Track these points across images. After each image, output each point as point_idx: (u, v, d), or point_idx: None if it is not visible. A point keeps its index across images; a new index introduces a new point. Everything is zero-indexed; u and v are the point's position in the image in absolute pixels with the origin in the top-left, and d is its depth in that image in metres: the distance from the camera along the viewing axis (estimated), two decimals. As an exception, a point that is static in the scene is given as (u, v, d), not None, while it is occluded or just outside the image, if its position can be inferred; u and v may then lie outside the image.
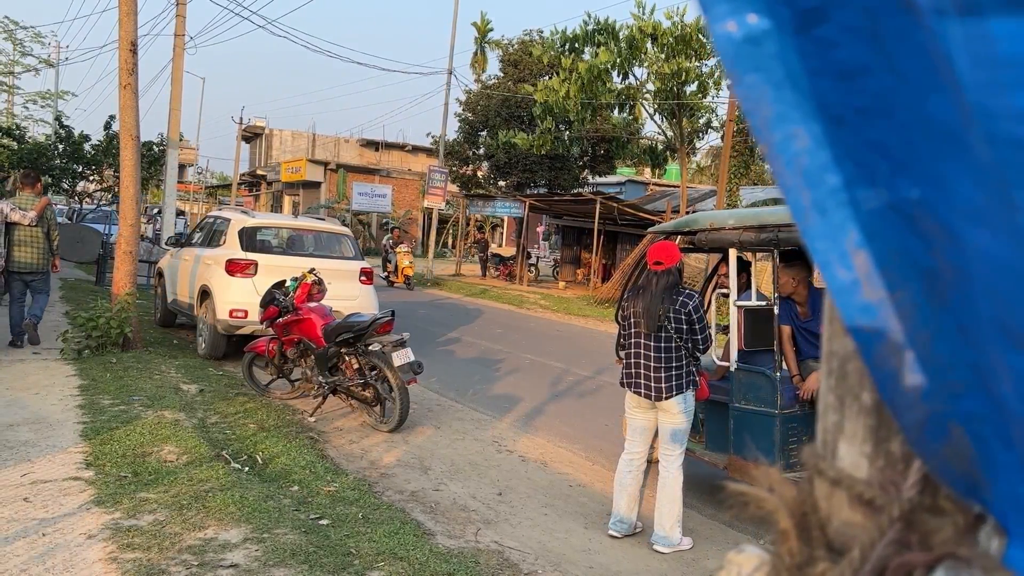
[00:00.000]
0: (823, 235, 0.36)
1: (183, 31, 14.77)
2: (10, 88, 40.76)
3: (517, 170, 25.81)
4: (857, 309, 0.36)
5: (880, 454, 0.42)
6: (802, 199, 0.36)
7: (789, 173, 0.36)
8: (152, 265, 14.39)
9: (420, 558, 4.08)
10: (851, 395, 0.43)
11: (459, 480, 5.67)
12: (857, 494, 0.41)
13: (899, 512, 0.38)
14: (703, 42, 18.38)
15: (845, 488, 0.42)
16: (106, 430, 5.74)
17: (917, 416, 0.37)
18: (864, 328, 0.36)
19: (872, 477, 0.41)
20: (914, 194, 0.33)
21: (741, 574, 0.45)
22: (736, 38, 0.35)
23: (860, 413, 0.42)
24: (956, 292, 0.33)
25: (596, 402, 8.73)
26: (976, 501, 0.37)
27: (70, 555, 3.75)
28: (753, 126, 0.37)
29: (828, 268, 0.37)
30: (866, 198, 0.34)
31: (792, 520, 0.42)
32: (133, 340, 8.84)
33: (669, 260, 4.73)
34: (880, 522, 0.38)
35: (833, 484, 0.43)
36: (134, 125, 8.86)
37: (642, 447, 4.88)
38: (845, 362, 0.43)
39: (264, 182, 48.19)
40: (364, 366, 6.76)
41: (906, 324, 0.35)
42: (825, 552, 0.41)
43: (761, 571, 0.44)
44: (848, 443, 0.43)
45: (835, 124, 0.34)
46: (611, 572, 4.35)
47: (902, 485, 0.40)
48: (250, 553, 3.89)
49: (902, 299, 0.35)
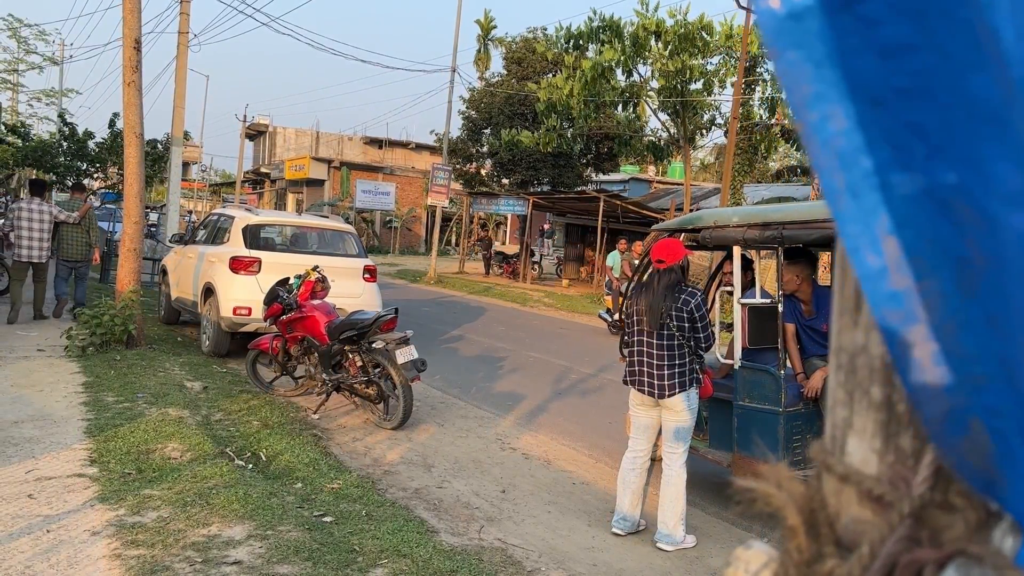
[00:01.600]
0: (855, 219, 0.35)
1: (187, 28, 14.78)
2: (14, 86, 40.86)
3: (521, 168, 25.80)
4: (884, 296, 0.36)
5: (890, 449, 0.41)
6: (836, 181, 0.36)
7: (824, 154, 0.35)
8: (156, 263, 14.41)
9: (423, 555, 4.09)
10: (861, 390, 0.42)
11: (462, 478, 5.67)
12: (866, 490, 0.40)
13: (909, 508, 0.37)
14: (706, 40, 18.34)
15: (854, 484, 0.41)
16: (110, 427, 5.75)
17: (938, 408, 0.37)
18: (890, 316, 0.36)
19: (882, 473, 0.41)
20: (951, 179, 0.32)
21: (749, 570, 0.45)
22: (779, 14, 0.35)
23: (870, 408, 0.42)
24: (988, 282, 0.33)
25: (599, 400, 8.73)
26: (992, 498, 0.37)
27: (74, 551, 3.76)
28: (791, 104, 0.37)
29: (858, 253, 0.36)
30: (901, 182, 0.34)
31: (800, 516, 0.42)
32: (137, 337, 8.86)
33: (672, 258, 4.72)
34: (890, 518, 0.38)
35: (842, 480, 0.42)
36: (138, 122, 8.86)
37: (646, 445, 4.87)
38: (855, 357, 0.42)
39: (268, 180, 48.24)
40: (368, 364, 6.76)
41: (934, 314, 0.35)
42: (834, 548, 0.40)
43: (769, 568, 0.43)
44: (858, 438, 0.43)
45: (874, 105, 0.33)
46: (615, 570, 4.34)
47: (912, 481, 0.39)
48: (254, 550, 3.90)
49: (931, 288, 0.35)
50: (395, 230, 39.29)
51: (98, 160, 21.49)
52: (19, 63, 38.79)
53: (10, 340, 8.74)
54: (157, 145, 21.11)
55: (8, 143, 22.09)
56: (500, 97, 25.98)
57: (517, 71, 26.43)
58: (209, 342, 9.13)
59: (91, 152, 21.43)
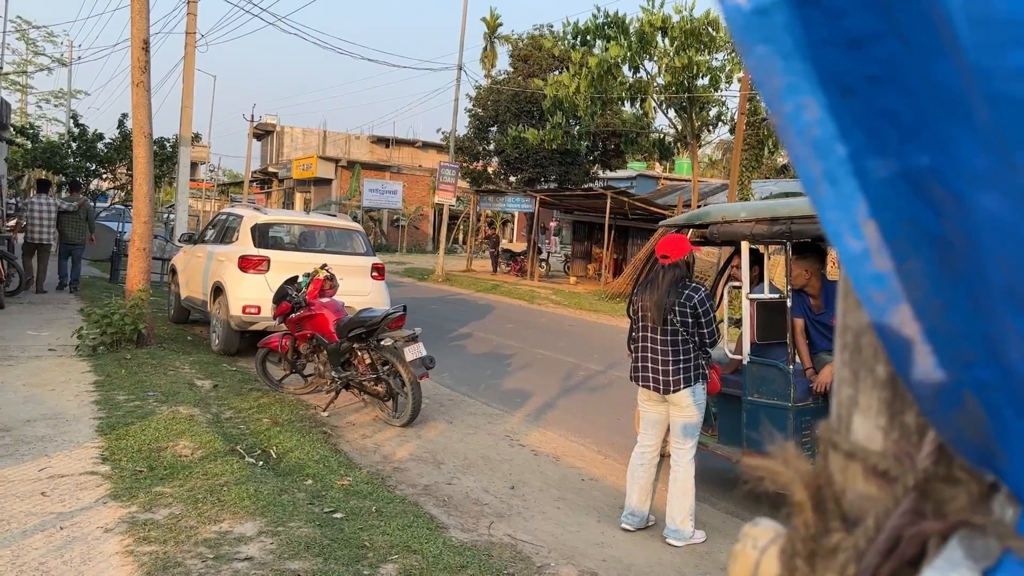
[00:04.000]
0: (834, 205, 0.36)
1: (194, 29, 14.84)
2: (23, 87, 41.07)
3: (527, 165, 25.79)
4: (868, 279, 0.37)
5: (895, 426, 0.42)
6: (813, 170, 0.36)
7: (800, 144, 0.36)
8: (165, 262, 14.49)
9: (433, 551, 4.10)
10: (865, 368, 0.43)
11: (472, 474, 5.69)
12: (872, 466, 0.41)
13: (913, 482, 0.38)
14: (712, 35, 18.30)
15: (860, 460, 0.42)
16: (122, 425, 5.79)
17: (930, 386, 0.37)
18: (876, 298, 0.37)
19: (887, 449, 0.42)
20: (923, 161, 0.33)
21: (757, 546, 0.46)
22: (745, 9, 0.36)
23: (874, 386, 0.43)
24: (966, 260, 0.33)
25: (608, 396, 8.73)
26: (990, 470, 0.37)
27: (87, 548, 3.79)
28: (764, 97, 0.37)
29: (839, 238, 0.37)
30: (876, 167, 0.34)
31: (807, 492, 0.43)
32: (147, 336, 8.90)
33: (676, 253, 4.72)
34: (895, 492, 0.39)
35: (848, 457, 0.43)
36: (147, 122, 8.91)
37: (654, 440, 4.88)
38: (859, 336, 0.43)
39: (276, 179, 48.37)
40: (376, 361, 6.79)
41: (917, 294, 0.36)
42: (840, 523, 0.41)
43: (776, 543, 0.44)
44: (863, 416, 0.43)
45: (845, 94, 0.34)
46: (624, 565, 4.35)
47: (916, 456, 0.40)
48: (265, 546, 3.92)
49: (913, 269, 0.35)
50: (402, 228, 39.35)
51: (107, 160, 21.56)
52: (28, 65, 39.00)
53: (21, 340, 8.81)
54: (165, 145, 21.17)
55: (18, 144, 22.20)
56: (506, 95, 25.98)
57: (523, 68, 26.42)
58: (219, 341, 9.17)
59: (100, 153, 21.51)
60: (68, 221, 13.03)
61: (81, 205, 13.33)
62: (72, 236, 13.16)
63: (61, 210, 12.90)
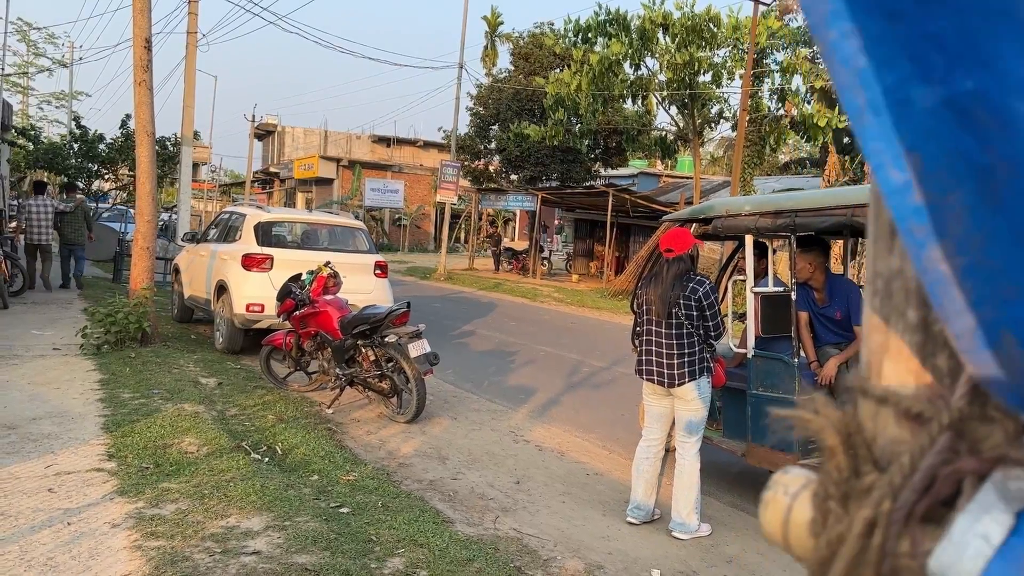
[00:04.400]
0: (877, 136, 0.36)
1: (195, 28, 14.84)
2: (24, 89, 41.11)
3: (529, 164, 25.77)
4: (910, 212, 0.37)
5: (927, 369, 0.42)
6: (857, 99, 0.36)
7: (844, 72, 0.36)
8: (168, 262, 14.51)
9: (440, 545, 4.11)
10: (897, 313, 0.43)
11: (477, 469, 5.69)
12: (904, 409, 0.41)
13: (948, 421, 0.38)
14: (714, 31, 18.29)
15: (892, 405, 0.42)
16: (127, 423, 5.80)
17: (967, 323, 0.37)
18: (916, 232, 0.37)
19: (919, 392, 0.42)
20: (969, 85, 0.33)
21: (788, 492, 0.46)
22: None
23: (906, 330, 0.43)
24: (1011, 191, 0.34)
25: (612, 392, 8.74)
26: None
27: (95, 543, 3.80)
28: (810, 24, 0.38)
29: (881, 170, 0.37)
30: (921, 96, 0.34)
31: (839, 438, 0.43)
32: (151, 335, 8.91)
33: (680, 247, 4.72)
34: (929, 431, 0.39)
35: (879, 402, 0.43)
36: (149, 121, 8.92)
37: (659, 434, 4.88)
38: (890, 281, 0.43)
39: (277, 179, 48.39)
40: (381, 358, 6.79)
41: (958, 228, 0.36)
42: (872, 467, 0.41)
43: (808, 488, 0.44)
44: (894, 361, 0.44)
45: (891, 19, 0.34)
46: (630, 558, 4.35)
47: (950, 398, 0.40)
48: (272, 540, 3.93)
49: (955, 201, 0.35)
50: (404, 228, 39.37)
51: (108, 161, 21.57)
52: (29, 66, 39.03)
53: (26, 339, 8.82)
54: (167, 145, 21.16)
55: (19, 146, 22.22)
56: (508, 93, 25.97)
57: (524, 67, 26.40)
58: (223, 339, 9.19)
59: (101, 154, 21.52)
60: (66, 222, 13.34)
61: (78, 205, 13.67)
62: (71, 236, 13.44)
63: (59, 211, 13.19)
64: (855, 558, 0.37)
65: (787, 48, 19.94)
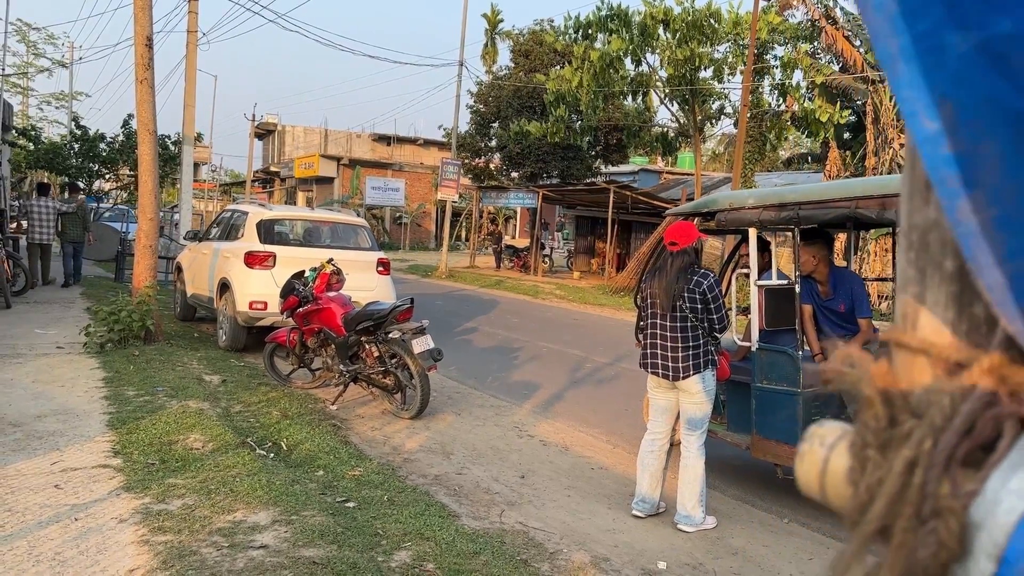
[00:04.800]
0: (909, 84, 0.36)
1: (196, 27, 14.84)
2: (24, 90, 41.09)
3: (530, 161, 25.77)
4: (942, 161, 0.37)
5: (963, 319, 0.43)
6: (889, 47, 0.36)
7: (878, 19, 0.36)
8: (170, 261, 14.52)
9: (446, 538, 4.12)
10: (933, 264, 0.44)
11: (481, 464, 5.70)
12: (942, 358, 0.42)
13: (988, 366, 0.39)
14: (714, 27, 18.27)
15: (929, 355, 0.42)
16: (132, 420, 5.81)
17: (999, 277, 0.38)
18: (949, 182, 0.37)
19: (956, 342, 0.42)
20: (1005, 27, 0.33)
21: (824, 443, 0.46)
22: None
23: (942, 282, 0.43)
24: None
25: (615, 388, 8.74)
26: None
27: (103, 538, 3.81)
28: None
29: (914, 118, 0.37)
30: (955, 42, 0.34)
31: (875, 388, 0.43)
32: (155, 333, 8.92)
33: (685, 240, 4.72)
34: (969, 376, 0.39)
35: (916, 352, 0.43)
36: (151, 119, 8.92)
37: (664, 427, 4.88)
38: (926, 233, 0.44)
39: (278, 179, 48.39)
40: (384, 354, 6.79)
41: (991, 177, 0.36)
42: (910, 416, 0.42)
43: (845, 439, 0.45)
44: (929, 312, 0.44)
45: None
46: (636, 551, 4.36)
47: (987, 346, 0.40)
48: (279, 534, 3.94)
49: (989, 150, 0.36)
50: (405, 226, 39.38)
51: (109, 161, 21.58)
52: (28, 67, 39.01)
53: (29, 338, 8.83)
54: (168, 144, 21.17)
55: (20, 146, 22.23)
56: (508, 90, 25.95)
57: (525, 64, 26.38)
58: (226, 337, 9.19)
59: (102, 153, 21.53)
60: (68, 221, 13.87)
61: (80, 205, 14.26)
62: (72, 235, 14.02)
63: (61, 211, 13.74)
64: (895, 497, 0.38)
65: (788, 43, 19.93)
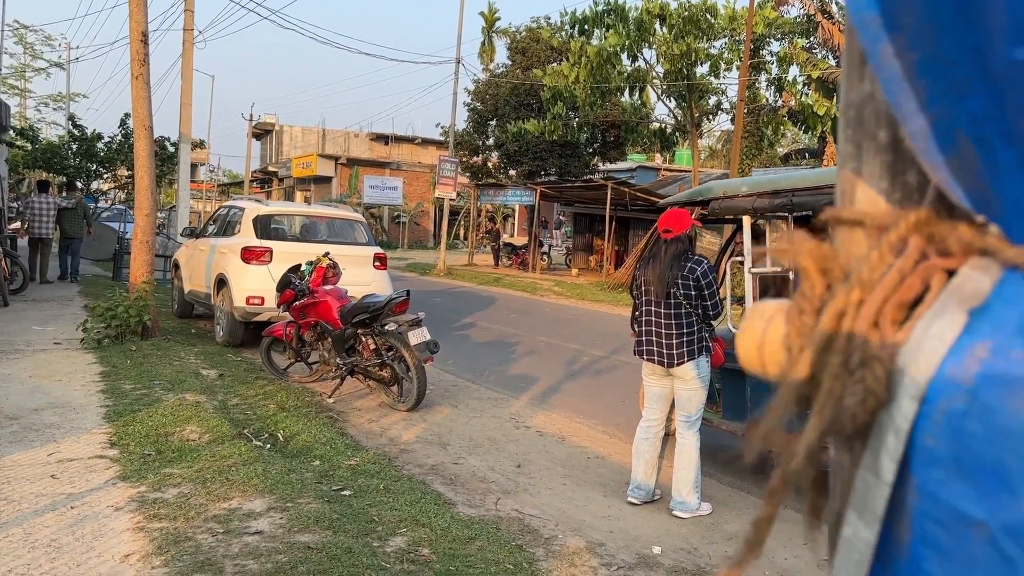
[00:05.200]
0: None
1: (192, 26, 14.85)
2: (22, 91, 41.07)
3: (527, 158, 25.77)
4: (863, 5, 0.38)
5: (897, 187, 0.44)
6: None
7: None
8: (168, 259, 14.54)
9: (442, 524, 4.13)
10: (868, 137, 0.44)
11: (478, 454, 5.71)
12: (876, 225, 0.42)
13: (914, 220, 0.40)
14: (711, 22, 18.29)
15: (864, 224, 0.43)
16: (129, 412, 5.82)
17: (922, 124, 0.38)
18: (870, 25, 0.38)
19: (890, 209, 0.43)
20: None
21: (763, 317, 0.47)
22: None
23: (877, 152, 0.44)
24: None
25: (612, 380, 8.75)
26: (983, 212, 0.39)
27: (99, 525, 3.82)
28: None
29: None
30: None
31: (812, 259, 0.44)
32: (152, 328, 8.92)
33: (678, 228, 4.73)
34: (896, 231, 0.40)
35: (853, 225, 0.44)
36: (147, 115, 8.92)
37: (659, 414, 4.89)
38: (862, 107, 0.45)
39: (276, 178, 48.39)
40: (381, 346, 6.80)
41: (911, 19, 0.37)
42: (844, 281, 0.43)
43: (782, 309, 0.45)
44: (865, 185, 0.45)
45: None
46: (631, 536, 4.37)
47: (918, 207, 0.41)
48: (274, 521, 3.95)
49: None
50: (403, 225, 39.39)
51: (107, 160, 21.56)
52: (26, 68, 38.98)
53: (27, 335, 8.83)
54: (166, 145, 21.15)
55: (18, 146, 22.22)
56: (505, 88, 25.95)
57: (522, 61, 26.38)
58: (223, 332, 9.20)
59: (99, 153, 21.51)
60: (67, 217, 14.40)
61: (78, 202, 14.85)
62: (71, 231, 14.58)
63: (60, 208, 14.32)
64: (824, 346, 0.39)
65: (784, 38, 19.94)
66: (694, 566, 4.03)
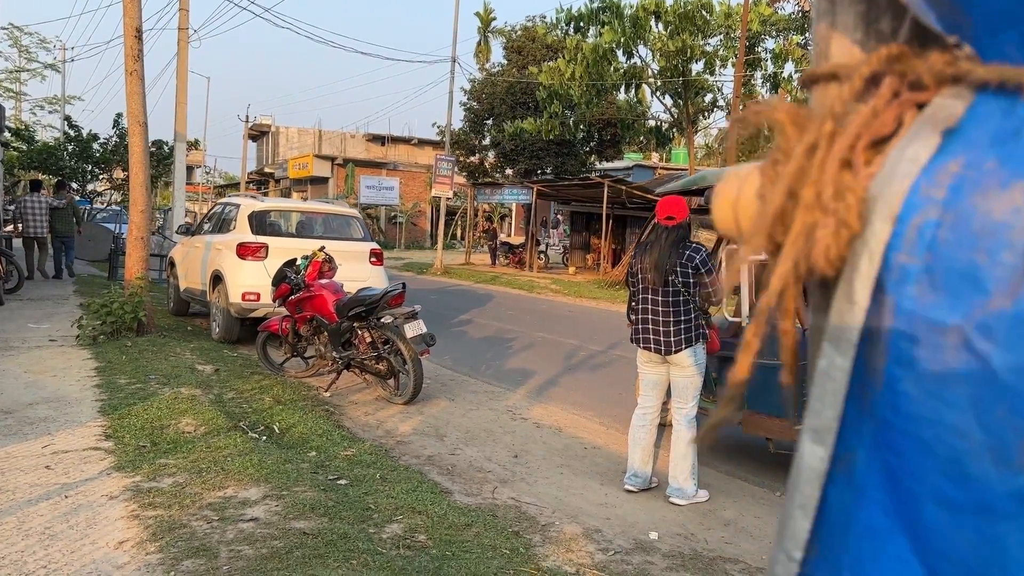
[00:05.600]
0: None
1: (186, 25, 14.81)
2: (17, 94, 41.01)
3: (524, 157, 25.76)
4: None
5: (871, 35, 0.43)
6: None
7: None
8: (163, 259, 14.52)
9: (439, 512, 4.12)
10: (843, -11, 0.44)
11: (475, 445, 5.70)
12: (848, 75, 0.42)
13: (886, 54, 0.39)
14: (706, 19, 18.31)
15: (839, 76, 0.43)
16: (124, 406, 5.80)
17: None
18: None
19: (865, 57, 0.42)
20: None
21: (739, 176, 0.46)
22: None
23: (851, 3, 0.43)
24: None
25: (609, 373, 8.74)
26: (955, 34, 0.38)
27: (93, 514, 3.81)
28: None
29: None
30: None
31: (788, 115, 0.43)
32: (147, 325, 8.90)
33: (680, 215, 4.73)
34: (868, 64, 0.39)
35: (828, 79, 0.44)
36: (141, 112, 8.90)
37: (655, 401, 4.89)
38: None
39: (272, 179, 48.33)
40: (377, 340, 6.78)
41: None
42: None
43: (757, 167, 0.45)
44: (840, 37, 0.44)
45: None
46: (628, 523, 4.36)
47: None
48: (270, 508, 3.93)
49: None
50: (400, 225, 39.35)
51: (103, 161, 21.55)
52: (21, 71, 38.93)
53: (22, 332, 8.81)
54: (163, 146, 21.14)
55: (14, 147, 22.18)
56: (501, 87, 25.94)
57: (518, 60, 26.38)
58: (219, 329, 9.18)
59: (95, 153, 21.49)
60: (58, 216, 14.72)
61: (69, 202, 15.21)
62: (62, 229, 14.91)
63: (52, 207, 14.65)
64: (796, 177, 0.38)
65: (779, 35, 19.96)
66: (691, 551, 4.02)
